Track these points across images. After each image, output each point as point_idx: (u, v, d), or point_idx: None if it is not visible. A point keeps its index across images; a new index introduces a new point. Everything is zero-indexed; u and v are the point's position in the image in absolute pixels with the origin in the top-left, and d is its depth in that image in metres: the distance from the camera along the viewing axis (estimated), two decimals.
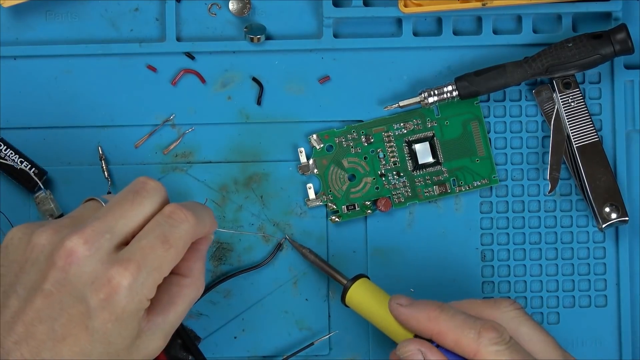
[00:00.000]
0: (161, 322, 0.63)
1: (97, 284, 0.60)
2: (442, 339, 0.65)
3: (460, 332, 0.64)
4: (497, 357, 0.63)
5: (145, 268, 0.61)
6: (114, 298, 0.60)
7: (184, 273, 0.65)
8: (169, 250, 0.61)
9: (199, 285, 0.65)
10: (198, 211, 0.64)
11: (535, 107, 0.76)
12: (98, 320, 0.60)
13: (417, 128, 0.75)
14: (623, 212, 0.74)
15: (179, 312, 0.64)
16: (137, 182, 0.64)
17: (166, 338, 0.64)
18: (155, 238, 0.61)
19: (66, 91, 0.74)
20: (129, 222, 0.62)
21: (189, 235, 0.63)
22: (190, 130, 0.75)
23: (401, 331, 0.67)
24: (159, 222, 0.62)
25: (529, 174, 0.76)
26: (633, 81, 0.76)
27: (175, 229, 0.62)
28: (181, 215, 0.62)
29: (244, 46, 0.74)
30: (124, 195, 0.63)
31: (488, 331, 0.64)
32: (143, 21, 0.75)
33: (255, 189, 0.75)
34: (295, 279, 0.75)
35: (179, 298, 0.64)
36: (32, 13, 0.74)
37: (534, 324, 0.66)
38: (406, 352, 0.65)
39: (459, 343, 0.64)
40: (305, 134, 0.75)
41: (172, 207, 0.63)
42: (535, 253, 0.76)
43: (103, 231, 0.61)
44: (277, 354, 0.74)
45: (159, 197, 0.63)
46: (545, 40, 0.75)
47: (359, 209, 0.75)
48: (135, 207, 0.62)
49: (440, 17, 0.75)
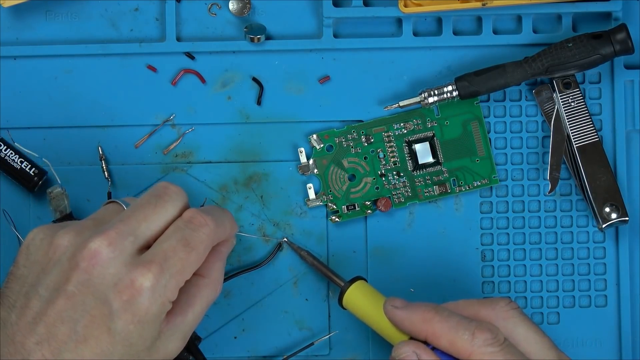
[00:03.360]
0: (180, 322, 0.64)
1: (120, 286, 0.60)
2: (437, 340, 0.65)
3: (455, 334, 0.64)
4: (491, 357, 0.63)
5: (167, 270, 0.61)
6: (137, 300, 0.60)
7: (202, 274, 0.66)
8: (190, 254, 0.62)
9: (217, 286, 0.66)
10: (217, 215, 0.65)
11: (535, 107, 0.76)
12: (120, 322, 0.60)
13: (417, 128, 0.75)
14: (623, 212, 0.74)
15: (197, 312, 0.65)
16: (158, 186, 0.65)
17: (185, 339, 0.64)
18: (177, 241, 0.62)
19: (66, 91, 0.74)
20: (151, 226, 0.63)
21: (210, 239, 0.64)
22: (190, 130, 0.75)
23: (397, 334, 0.68)
24: (180, 227, 0.63)
25: (529, 174, 0.76)
26: (633, 81, 0.76)
27: (196, 233, 0.63)
28: (201, 219, 0.63)
29: (244, 46, 0.74)
30: (147, 199, 0.64)
31: (482, 332, 0.64)
32: (143, 21, 0.75)
33: (255, 189, 0.75)
34: (295, 279, 0.75)
35: (197, 299, 0.65)
36: (32, 13, 0.74)
37: (530, 325, 0.66)
38: (401, 354, 0.65)
39: (453, 344, 0.64)
40: (305, 134, 0.75)
41: (192, 212, 0.64)
42: (535, 253, 0.76)
43: (126, 234, 0.61)
44: (277, 354, 0.74)
45: (180, 202, 0.64)
46: (545, 40, 0.75)
47: (359, 209, 0.75)
48: (158, 211, 0.63)
49: (440, 17, 0.75)
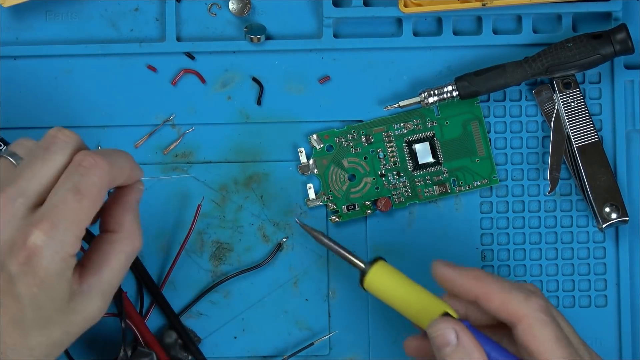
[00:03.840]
0: (95, 281, 0.62)
1: (15, 250, 0.59)
2: (488, 299, 0.62)
3: (509, 294, 0.62)
4: (543, 327, 0.61)
5: (60, 224, 0.59)
6: (34, 260, 0.59)
7: (113, 229, 0.64)
8: (82, 201, 0.60)
9: (132, 238, 0.64)
10: (111, 156, 0.62)
11: (535, 107, 0.76)
12: (23, 286, 0.59)
13: (417, 128, 0.75)
14: (623, 212, 0.74)
15: (115, 269, 0.63)
16: (47, 136, 0.62)
17: (105, 298, 0.62)
18: (66, 191, 0.60)
19: (66, 91, 0.74)
20: (41, 181, 0.60)
21: (103, 182, 0.61)
22: (190, 130, 0.75)
23: (427, 311, 0.64)
24: (70, 173, 0.60)
25: (529, 174, 0.76)
26: (633, 81, 0.76)
27: (86, 177, 0.60)
28: (90, 160, 0.60)
29: (244, 46, 0.74)
30: (35, 153, 0.61)
31: (537, 298, 0.62)
32: (143, 21, 0.75)
33: (255, 189, 0.75)
34: (295, 279, 0.75)
35: (111, 255, 0.63)
36: (32, 13, 0.74)
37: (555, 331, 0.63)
38: (438, 330, 0.62)
39: (505, 305, 0.62)
40: (305, 134, 0.75)
41: (81, 154, 0.61)
42: (536, 253, 0.76)
43: (16, 195, 0.60)
44: (277, 354, 0.74)
45: (70, 148, 0.61)
46: (545, 40, 0.75)
47: (359, 209, 0.75)
48: (47, 164, 0.61)
49: (440, 17, 0.75)
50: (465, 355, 0.61)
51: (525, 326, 0.62)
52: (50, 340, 0.61)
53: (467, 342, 0.62)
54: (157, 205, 0.74)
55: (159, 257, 0.74)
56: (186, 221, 0.74)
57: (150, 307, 0.74)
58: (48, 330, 0.60)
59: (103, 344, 0.73)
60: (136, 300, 0.74)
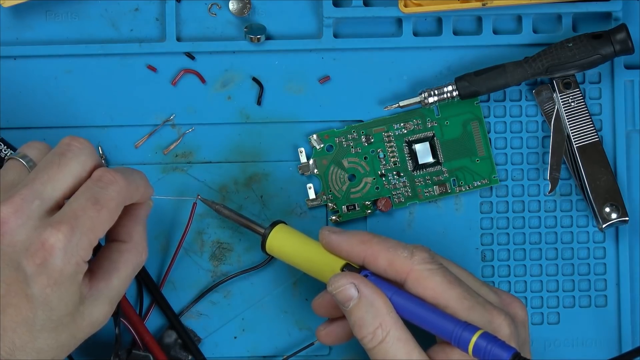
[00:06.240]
0: (104, 287, 0.63)
1: (32, 250, 0.60)
2: (375, 261, 0.65)
3: (394, 252, 0.65)
4: (430, 275, 0.64)
5: (78, 229, 0.60)
6: (50, 261, 0.60)
7: (123, 239, 0.66)
8: (100, 212, 0.62)
9: (140, 249, 0.66)
10: (128, 174, 0.64)
11: (535, 107, 0.76)
12: (37, 286, 0.60)
13: (417, 128, 0.75)
14: (623, 212, 0.74)
15: (122, 277, 0.65)
16: (61, 143, 0.64)
17: (111, 304, 0.64)
18: (86, 200, 0.61)
19: (66, 91, 0.74)
20: (57, 185, 0.62)
21: (120, 197, 0.63)
22: (190, 130, 0.75)
23: (327, 268, 0.67)
24: (89, 186, 0.62)
25: (529, 174, 0.76)
26: (633, 81, 0.76)
27: (105, 191, 0.62)
28: (110, 177, 0.63)
29: (244, 46, 0.74)
30: (50, 158, 0.63)
31: (421, 251, 0.65)
32: (143, 21, 0.75)
33: (255, 189, 0.75)
34: (295, 279, 0.75)
35: (120, 263, 0.65)
36: (32, 13, 0.74)
37: (445, 275, 0.65)
38: (338, 287, 0.64)
39: (392, 263, 0.64)
40: (305, 134, 0.75)
41: (101, 171, 0.63)
42: (536, 253, 0.76)
43: (32, 198, 0.61)
44: (277, 354, 0.74)
45: (85, 156, 0.63)
46: (545, 40, 0.75)
47: (359, 209, 0.75)
48: (62, 170, 0.62)
49: (440, 17, 0.75)
50: (369, 305, 0.64)
51: (413, 279, 0.64)
52: (58, 343, 0.62)
53: (368, 293, 0.64)
54: (157, 206, 0.74)
55: (158, 258, 0.74)
56: (186, 221, 0.73)
57: (150, 307, 0.74)
58: (56, 333, 0.61)
59: (102, 345, 0.73)
60: (136, 300, 0.74)
